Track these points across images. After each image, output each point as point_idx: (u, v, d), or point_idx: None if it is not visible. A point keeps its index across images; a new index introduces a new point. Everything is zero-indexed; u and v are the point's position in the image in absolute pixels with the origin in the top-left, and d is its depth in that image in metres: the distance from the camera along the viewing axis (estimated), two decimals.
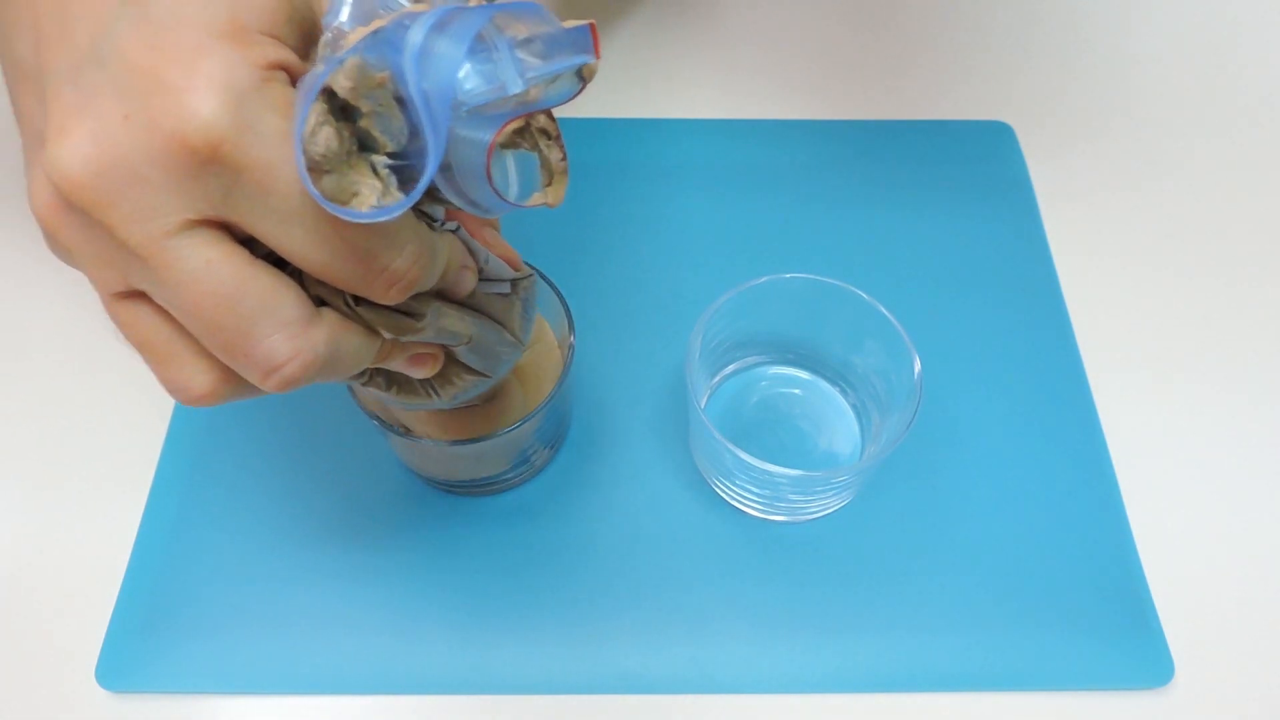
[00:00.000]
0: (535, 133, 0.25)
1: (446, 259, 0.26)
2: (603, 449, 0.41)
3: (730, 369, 0.43)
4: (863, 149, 0.51)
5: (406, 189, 0.21)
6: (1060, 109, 0.53)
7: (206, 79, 0.20)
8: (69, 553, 0.39)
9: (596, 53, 0.22)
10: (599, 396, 0.43)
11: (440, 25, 0.20)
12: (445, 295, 0.28)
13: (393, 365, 0.28)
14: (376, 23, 0.20)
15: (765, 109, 0.53)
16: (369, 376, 0.30)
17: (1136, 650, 0.37)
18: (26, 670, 0.37)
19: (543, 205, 0.25)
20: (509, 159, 0.25)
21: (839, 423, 0.42)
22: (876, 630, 0.37)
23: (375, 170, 0.21)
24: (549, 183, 0.25)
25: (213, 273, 0.22)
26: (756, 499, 0.38)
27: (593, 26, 0.21)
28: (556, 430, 0.40)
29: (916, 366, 0.36)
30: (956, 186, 0.49)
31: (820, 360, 0.42)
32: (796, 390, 0.43)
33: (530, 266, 0.33)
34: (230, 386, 0.24)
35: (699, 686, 0.36)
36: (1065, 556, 0.39)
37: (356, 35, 0.20)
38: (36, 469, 0.41)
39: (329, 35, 0.21)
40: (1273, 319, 0.46)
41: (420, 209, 0.25)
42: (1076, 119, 0.53)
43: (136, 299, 0.23)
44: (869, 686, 0.36)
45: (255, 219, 0.22)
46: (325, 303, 0.24)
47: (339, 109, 0.20)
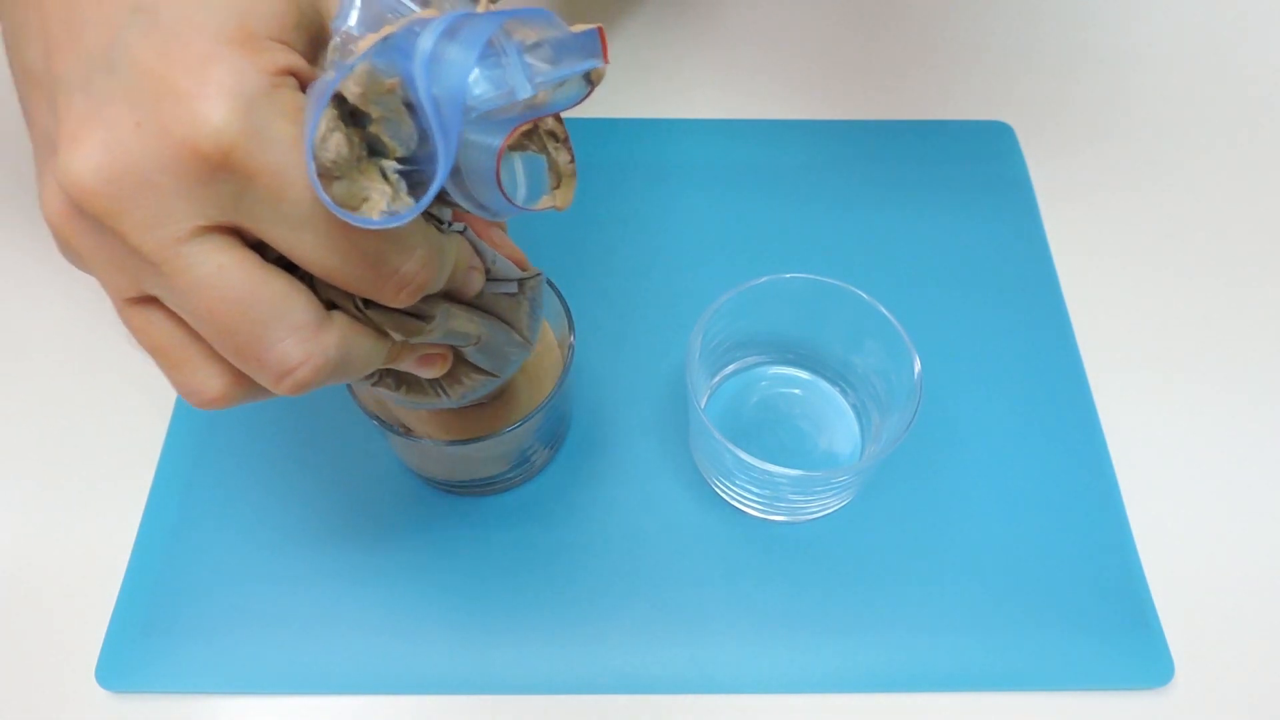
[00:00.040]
0: (543, 135, 0.25)
1: (454, 260, 0.26)
2: (603, 449, 0.41)
3: (730, 369, 0.43)
4: (863, 149, 0.51)
5: (416, 193, 0.21)
6: (1060, 109, 0.53)
7: (217, 86, 0.20)
8: (69, 553, 0.39)
9: (605, 57, 0.22)
10: (599, 396, 0.43)
11: (450, 32, 0.20)
12: (453, 296, 0.28)
13: (402, 366, 0.28)
14: (386, 29, 0.20)
15: (765, 109, 0.53)
16: (378, 377, 0.30)
17: (1136, 650, 0.37)
18: (26, 670, 0.37)
19: (551, 208, 0.25)
20: (517, 161, 0.25)
21: (839, 423, 0.42)
22: (876, 630, 0.37)
23: (385, 175, 0.21)
24: (557, 185, 0.25)
25: (225, 278, 0.22)
26: (756, 499, 0.38)
27: (600, 30, 0.21)
28: (556, 430, 0.40)
29: (916, 366, 0.36)
30: (956, 186, 0.49)
31: (820, 360, 0.42)
32: (796, 390, 0.43)
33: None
34: (242, 389, 0.24)
35: (699, 686, 0.36)
36: (1065, 556, 0.39)
37: (366, 42, 0.20)
38: (36, 469, 0.41)
39: (337, 40, 0.21)
40: (1273, 319, 0.46)
41: (428, 211, 0.25)
42: (1076, 119, 0.53)
43: (149, 304, 0.23)
44: (869, 686, 0.36)
45: (266, 224, 0.22)
46: (335, 306, 0.24)
47: (348, 114, 0.20)
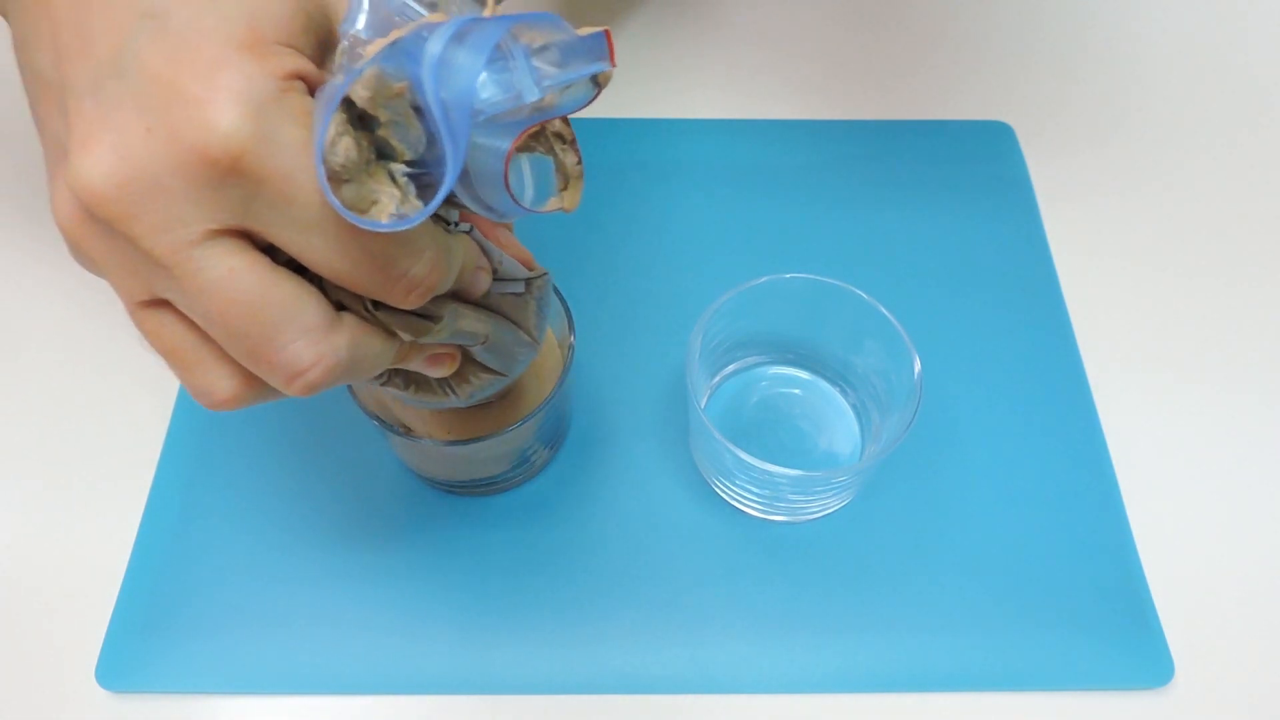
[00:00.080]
0: (550, 137, 0.25)
1: (462, 261, 0.26)
2: (603, 449, 0.41)
3: (730, 369, 0.43)
4: (863, 149, 0.51)
5: (424, 196, 0.21)
6: (1060, 109, 0.53)
7: (227, 91, 0.20)
8: (69, 553, 0.39)
9: (612, 59, 0.22)
10: (599, 396, 0.42)
11: (459, 36, 0.20)
12: (461, 296, 0.28)
13: (411, 366, 0.28)
14: (395, 33, 0.20)
15: (765, 109, 0.53)
16: (387, 377, 0.31)
17: (1136, 650, 0.37)
18: (26, 670, 0.37)
19: (559, 210, 0.25)
20: (524, 163, 0.25)
21: (839, 423, 0.42)
22: (876, 630, 0.37)
23: (393, 178, 0.21)
24: (564, 186, 0.25)
25: (236, 281, 0.22)
26: (756, 499, 0.38)
27: (608, 33, 0.21)
28: (556, 430, 0.40)
29: (916, 366, 0.36)
30: (956, 186, 0.49)
31: (820, 360, 0.42)
32: (796, 390, 0.43)
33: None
34: (253, 390, 0.25)
35: (699, 686, 0.36)
36: (1065, 556, 0.39)
37: (375, 46, 0.20)
38: (36, 469, 0.41)
39: (345, 43, 0.21)
40: (1273, 319, 0.46)
41: (435, 213, 0.26)
42: (1077, 119, 0.53)
43: (160, 307, 0.23)
44: (869, 686, 0.36)
45: (276, 228, 0.22)
46: (344, 307, 0.25)
47: (357, 118, 0.21)
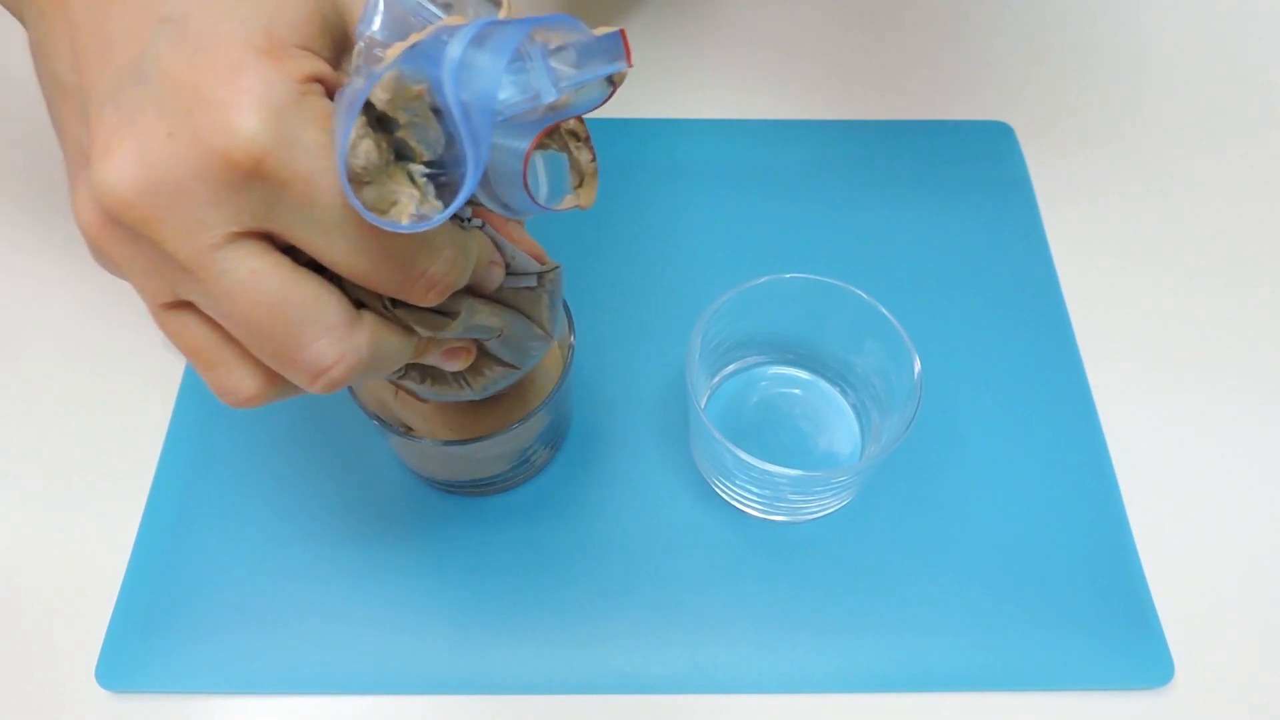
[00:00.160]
0: (564, 134, 0.25)
1: (477, 257, 0.27)
2: (603, 449, 0.41)
3: (730, 369, 0.43)
4: (863, 149, 0.51)
5: (442, 196, 0.22)
6: (1060, 109, 0.53)
7: (247, 95, 0.21)
8: (69, 553, 0.39)
9: (628, 59, 0.22)
10: (599, 396, 0.42)
11: (479, 39, 0.20)
12: (475, 291, 0.29)
13: (428, 360, 0.29)
14: (413, 37, 0.20)
15: (765, 109, 0.53)
16: (404, 371, 0.31)
17: (1136, 650, 0.37)
18: (26, 670, 0.37)
19: (575, 208, 0.25)
20: (538, 160, 0.25)
21: (839, 423, 0.42)
22: (877, 630, 0.37)
23: (412, 179, 0.21)
24: (579, 184, 0.26)
25: (259, 282, 0.22)
26: (756, 499, 0.38)
27: (623, 33, 0.21)
28: (556, 430, 0.40)
29: (916, 366, 0.36)
30: (956, 186, 0.49)
31: (820, 360, 0.42)
32: (796, 390, 0.43)
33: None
34: (276, 388, 0.25)
35: (699, 686, 0.36)
36: (1065, 556, 0.39)
37: (395, 50, 0.20)
38: (36, 469, 0.41)
39: (362, 45, 0.22)
40: (1273, 319, 0.46)
41: None
42: (1077, 119, 0.53)
43: (184, 309, 0.24)
44: (869, 686, 0.36)
45: (298, 230, 0.22)
46: (363, 305, 0.25)
47: (376, 120, 0.21)
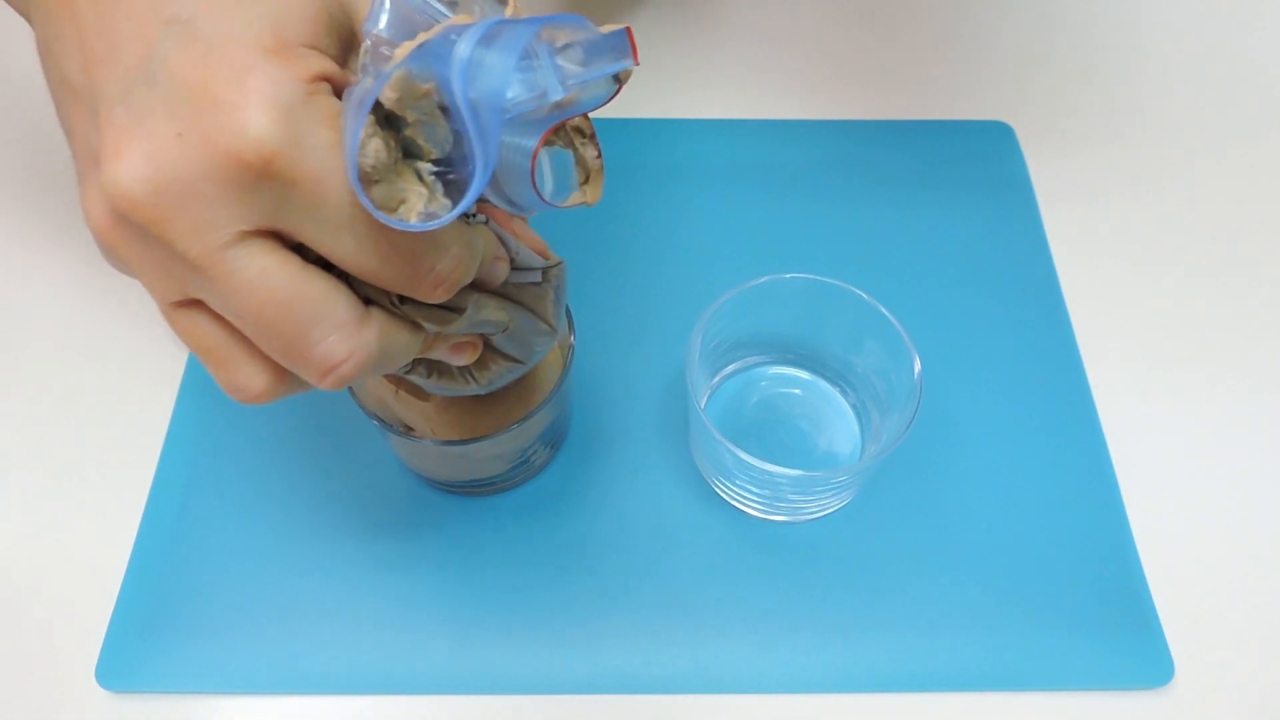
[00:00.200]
0: (570, 131, 0.25)
1: (482, 253, 0.27)
2: (603, 449, 0.41)
3: (730, 369, 0.43)
4: (863, 149, 0.51)
5: (450, 193, 0.22)
6: (1060, 109, 0.53)
7: (256, 95, 0.21)
8: (69, 553, 0.39)
9: (635, 57, 0.22)
10: (599, 396, 0.42)
11: (488, 38, 0.20)
12: (480, 286, 0.29)
13: (435, 355, 0.29)
14: (422, 36, 0.20)
15: (764, 109, 0.53)
16: (410, 366, 0.31)
17: (1136, 650, 0.37)
18: (26, 670, 0.37)
19: (581, 204, 0.26)
20: (543, 156, 0.25)
21: (839, 423, 0.42)
22: (876, 630, 0.37)
23: (420, 177, 0.22)
24: (585, 180, 0.26)
25: (269, 280, 0.22)
26: (756, 499, 0.38)
27: (629, 31, 0.22)
28: (556, 430, 0.40)
29: (916, 366, 0.36)
30: (956, 186, 0.49)
31: (820, 360, 0.42)
32: (796, 390, 0.43)
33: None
34: (285, 384, 0.25)
35: (699, 686, 0.36)
36: (1065, 556, 0.39)
37: (403, 50, 0.20)
38: (37, 468, 0.41)
39: (369, 43, 0.22)
40: (1273, 319, 0.46)
41: None
42: (1077, 119, 0.53)
43: (194, 307, 0.24)
44: (869, 686, 0.36)
45: (307, 228, 0.22)
46: (371, 301, 0.25)
47: (384, 119, 0.21)
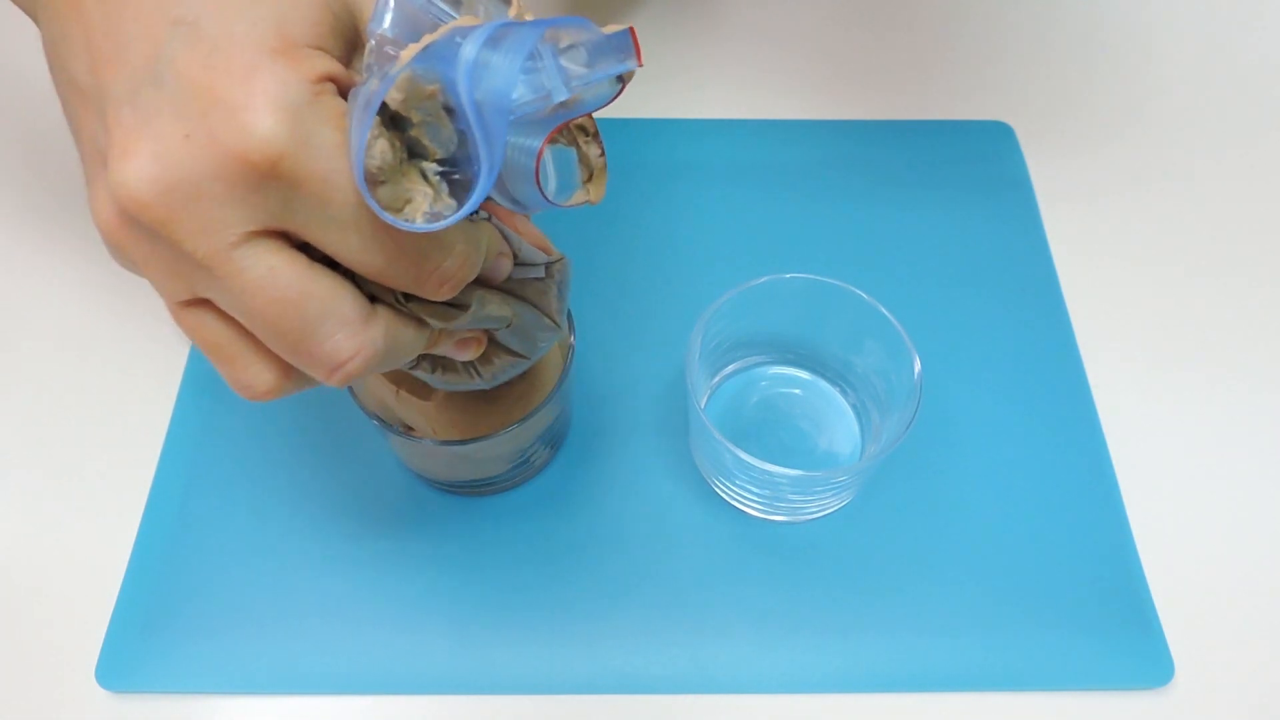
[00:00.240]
0: (573, 129, 0.26)
1: (486, 250, 0.27)
2: (603, 449, 0.41)
3: (730, 369, 0.43)
4: (863, 149, 0.51)
5: (455, 193, 0.22)
6: (1061, 109, 0.53)
7: (263, 96, 0.21)
8: (69, 553, 0.39)
9: (639, 58, 0.22)
10: (599, 396, 0.42)
11: (493, 41, 0.20)
12: (483, 282, 0.29)
13: (440, 350, 0.29)
14: (427, 38, 0.21)
15: (764, 109, 0.53)
16: (415, 361, 0.31)
17: (1136, 650, 0.37)
18: (26, 670, 0.37)
19: (585, 203, 0.26)
20: (546, 156, 0.25)
21: (839, 423, 0.42)
22: (877, 630, 0.37)
23: (426, 177, 0.22)
24: (588, 179, 0.26)
25: (276, 279, 0.22)
26: (756, 499, 0.38)
27: (632, 31, 0.22)
28: (556, 430, 0.40)
29: (916, 366, 0.36)
30: (956, 186, 0.49)
31: (820, 360, 0.42)
32: (796, 390, 0.43)
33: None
34: (292, 382, 0.25)
35: (699, 686, 0.36)
36: (1065, 556, 0.39)
37: (409, 52, 0.20)
38: (36, 468, 0.41)
39: (373, 43, 0.22)
40: (1273, 319, 0.46)
41: None
42: (1077, 119, 0.53)
43: (201, 306, 0.24)
44: (869, 687, 0.36)
45: (314, 228, 0.22)
46: (376, 298, 0.25)
47: (389, 119, 0.21)
